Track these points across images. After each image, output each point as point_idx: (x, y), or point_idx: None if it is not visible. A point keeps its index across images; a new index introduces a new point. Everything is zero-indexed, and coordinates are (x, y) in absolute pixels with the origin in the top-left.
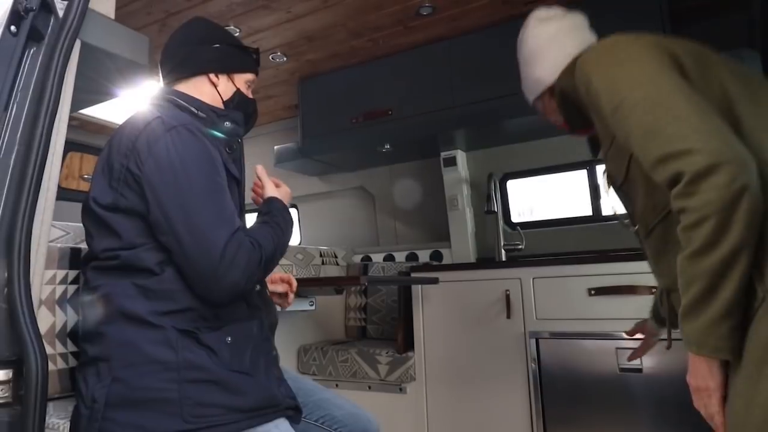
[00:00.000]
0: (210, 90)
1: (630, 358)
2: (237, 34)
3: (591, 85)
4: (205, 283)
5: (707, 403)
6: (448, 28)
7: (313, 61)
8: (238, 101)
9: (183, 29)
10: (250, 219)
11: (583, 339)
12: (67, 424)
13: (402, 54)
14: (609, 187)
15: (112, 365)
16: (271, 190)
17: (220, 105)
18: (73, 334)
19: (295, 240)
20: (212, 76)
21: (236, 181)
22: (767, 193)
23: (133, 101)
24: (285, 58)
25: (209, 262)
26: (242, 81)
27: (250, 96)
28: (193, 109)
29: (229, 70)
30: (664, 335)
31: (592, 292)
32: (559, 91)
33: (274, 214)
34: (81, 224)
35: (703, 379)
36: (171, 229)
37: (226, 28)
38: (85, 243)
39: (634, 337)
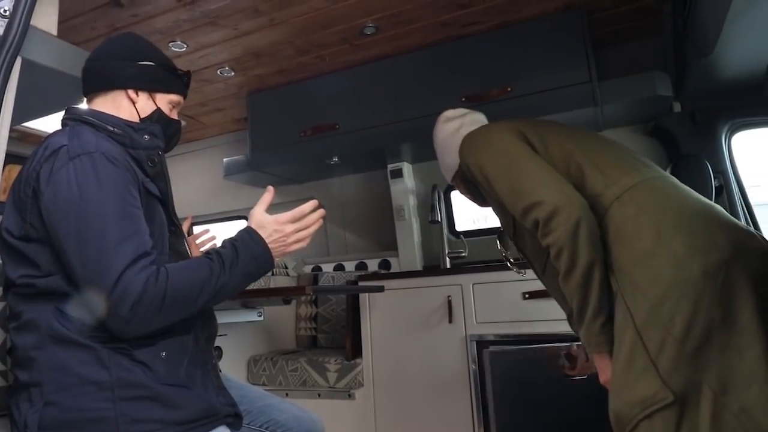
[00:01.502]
0: (128, 106)
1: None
2: (184, 50)
3: (470, 168)
4: (104, 318)
5: None
6: (391, 47)
7: (261, 75)
8: (157, 120)
9: (109, 42)
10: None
11: (518, 341)
12: None
13: (349, 70)
14: (502, 239)
15: (44, 389)
16: (256, 216)
17: (137, 121)
18: (7, 352)
19: None
20: (131, 92)
21: (158, 200)
22: (627, 210)
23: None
24: (233, 73)
25: (102, 293)
26: (165, 101)
27: (174, 117)
28: (108, 127)
29: (151, 89)
30: None
31: (526, 295)
32: (461, 174)
33: (226, 249)
34: None
35: (604, 373)
36: (66, 260)
37: (173, 43)
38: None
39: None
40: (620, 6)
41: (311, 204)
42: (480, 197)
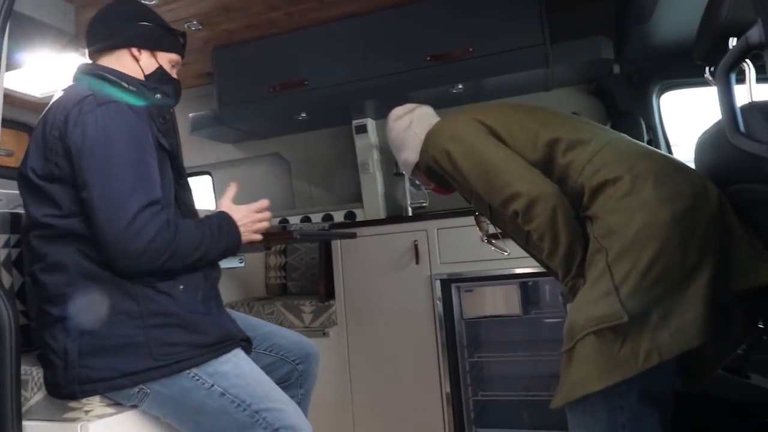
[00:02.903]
0: (132, 64)
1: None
2: (153, 3)
3: (438, 162)
4: (110, 248)
5: None
6: (361, 5)
7: (229, 30)
8: (159, 77)
9: (111, 4)
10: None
11: (477, 278)
12: (36, 371)
13: (317, 27)
14: (483, 227)
15: (80, 320)
16: (224, 206)
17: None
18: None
19: (211, 207)
20: (134, 50)
21: (168, 154)
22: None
23: (54, 71)
24: (200, 27)
25: (117, 227)
26: (165, 59)
27: (174, 76)
28: (123, 84)
29: (152, 47)
30: None
31: (484, 239)
32: (425, 167)
33: (213, 222)
34: (11, 191)
35: None
36: (88, 193)
37: None
38: (22, 209)
39: None
40: None
41: (266, 202)
42: (445, 186)
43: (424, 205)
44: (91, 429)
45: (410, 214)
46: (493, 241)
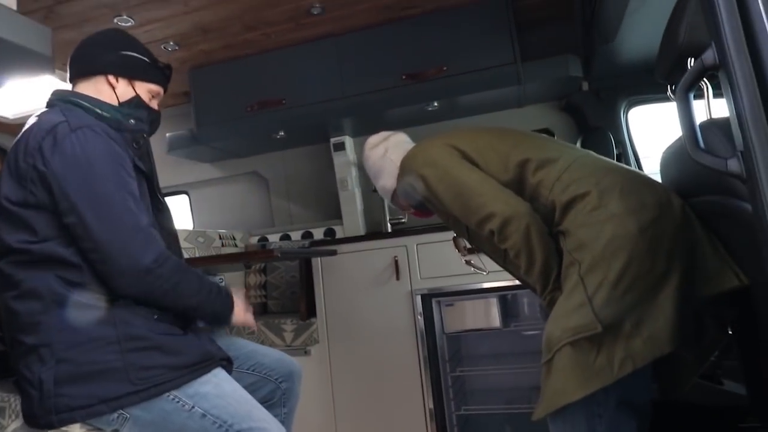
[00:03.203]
0: (108, 90)
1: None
2: (129, 24)
3: (415, 188)
4: (117, 262)
5: None
6: (337, 26)
7: (206, 51)
8: (135, 104)
9: (96, 34)
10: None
11: (457, 292)
12: (14, 398)
13: (294, 47)
14: (461, 248)
15: (54, 348)
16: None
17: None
18: None
19: (188, 226)
20: (111, 77)
21: (145, 176)
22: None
23: (26, 93)
24: (177, 48)
25: (122, 242)
26: (144, 89)
27: (154, 107)
28: (97, 110)
29: (130, 76)
30: None
31: (463, 260)
32: (402, 192)
33: (214, 284)
34: None
35: None
36: (77, 216)
37: (118, 18)
38: None
39: None
40: None
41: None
42: (423, 210)
43: (403, 221)
44: None
45: (389, 230)
46: (473, 262)
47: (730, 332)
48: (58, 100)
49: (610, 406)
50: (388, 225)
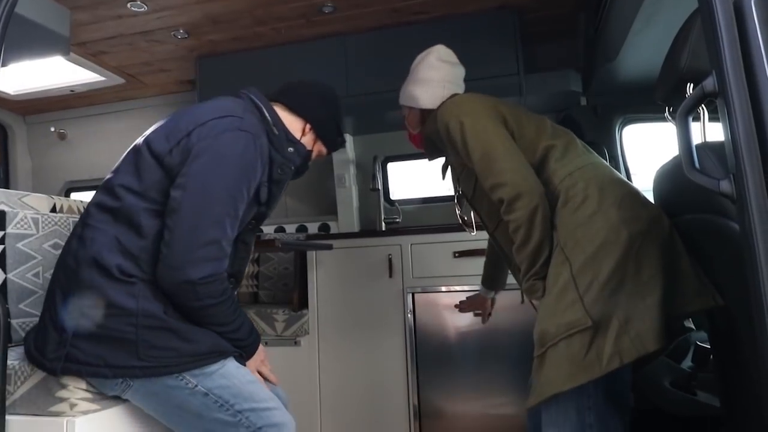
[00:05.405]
0: (297, 132)
1: (461, 309)
2: (142, 10)
3: (448, 129)
4: (174, 255)
5: None
6: (346, 26)
7: (215, 41)
8: (303, 152)
9: (322, 86)
10: None
11: (448, 291)
12: (19, 364)
13: (303, 44)
14: (461, 202)
15: (80, 302)
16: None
17: None
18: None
19: None
20: (307, 126)
21: (258, 203)
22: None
23: (31, 71)
24: (187, 36)
25: (191, 245)
26: (318, 149)
27: (308, 163)
28: (272, 126)
29: (320, 135)
30: (492, 295)
31: (456, 254)
32: (432, 121)
33: (253, 326)
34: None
35: None
36: (179, 194)
37: (132, 3)
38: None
39: (468, 310)
40: (545, 11)
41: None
42: (433, 150)
43: (398, 220)
44: (77, 424)
45: (383, 228)
46: (465, 219)
47: (707, 346)
48: (249, 96)
49: (600, 399)
50: (383, 223)
